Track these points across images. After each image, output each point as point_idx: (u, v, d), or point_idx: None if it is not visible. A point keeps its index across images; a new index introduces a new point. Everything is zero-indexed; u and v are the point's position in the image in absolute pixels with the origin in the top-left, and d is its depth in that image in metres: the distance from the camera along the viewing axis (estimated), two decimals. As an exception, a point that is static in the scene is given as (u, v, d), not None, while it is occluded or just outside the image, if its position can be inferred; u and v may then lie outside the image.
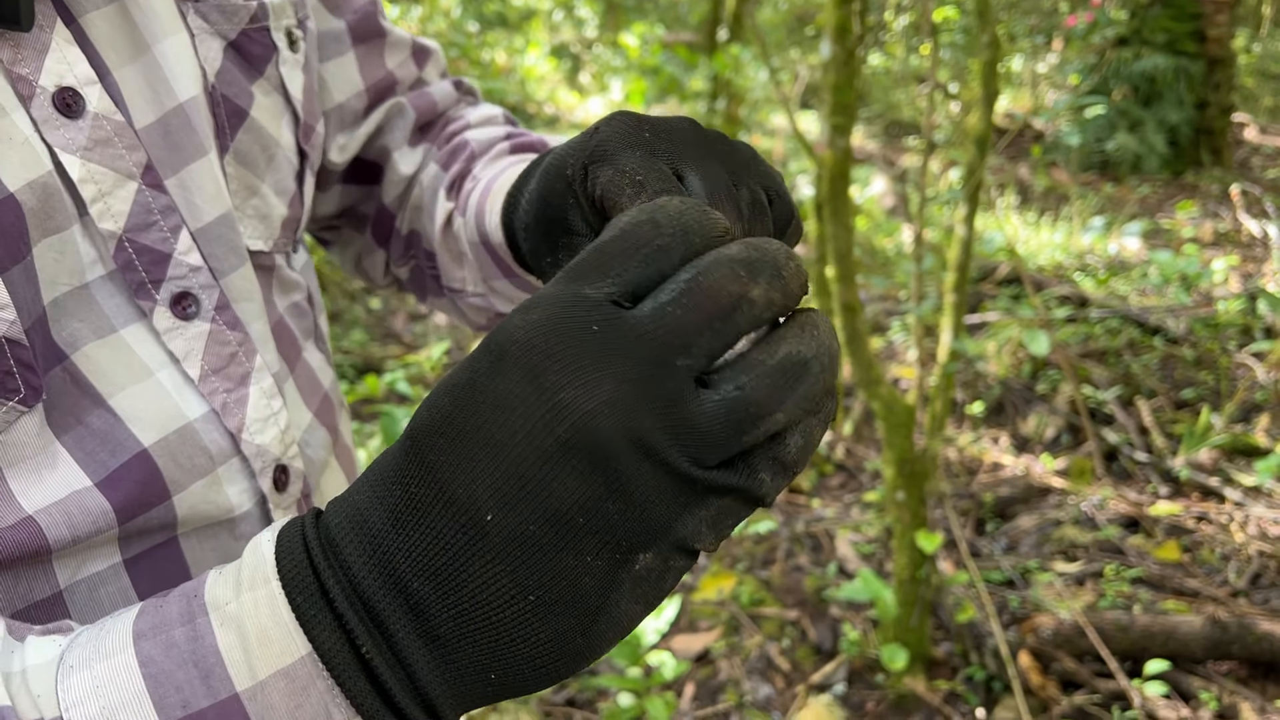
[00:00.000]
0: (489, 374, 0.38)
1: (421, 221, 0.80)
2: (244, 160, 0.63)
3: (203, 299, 0.57)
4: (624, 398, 0.37)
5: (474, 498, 0.37)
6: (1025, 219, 6.58)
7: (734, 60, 6.18)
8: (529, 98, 9.92)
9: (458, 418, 0.38)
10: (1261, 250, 5.70)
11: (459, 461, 0.38)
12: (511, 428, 0.37)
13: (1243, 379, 4.16)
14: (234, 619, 0.39)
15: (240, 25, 0.62)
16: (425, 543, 0.38)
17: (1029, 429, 4.03)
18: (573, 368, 0.37)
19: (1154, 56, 7.79)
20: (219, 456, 0.58)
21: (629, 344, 0.37)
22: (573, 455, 0.37)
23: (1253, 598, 2.99)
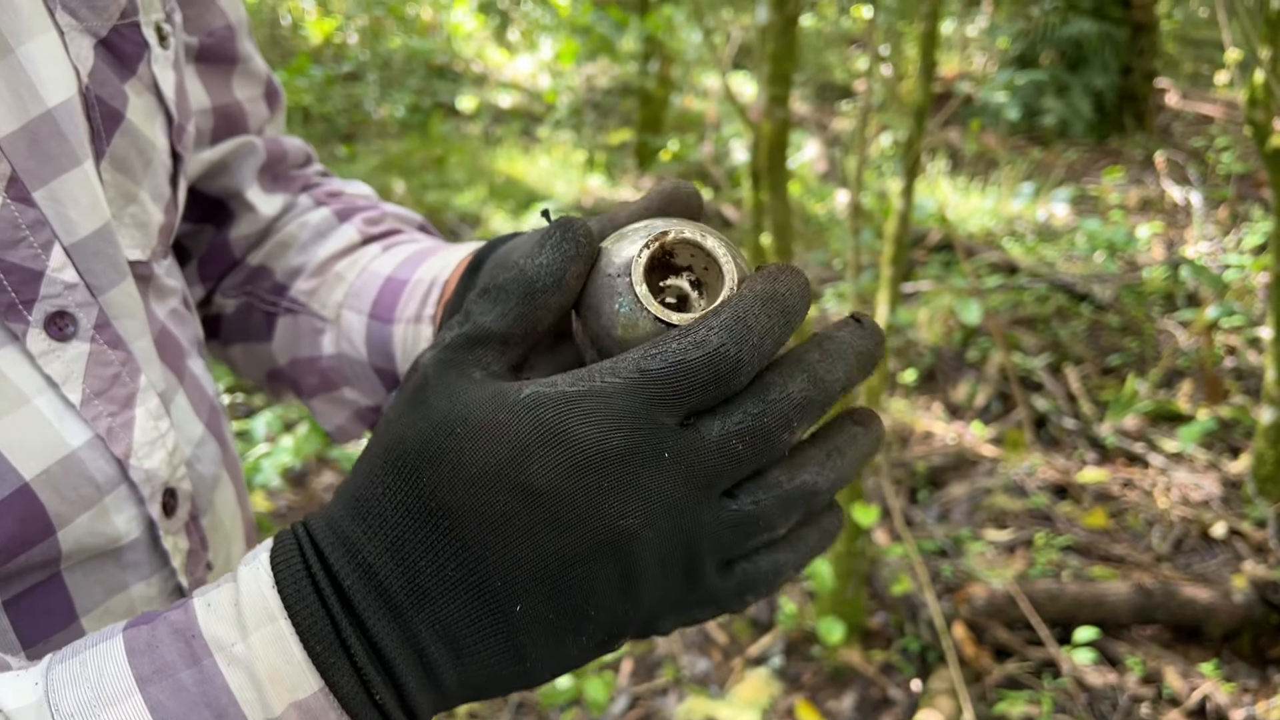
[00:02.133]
0: (559, 482, 0.40)
1: (284, 257, 0.77)
2: (121, 166, 0.58)
3: (80, 318, 0.53)
4: (670, 522, 0.41)
5: (511, 589, 0.40)
6: (955, 184, 6.63)
7: (666, 21, 6.10)
8: (456, 55, 9.71)
9: (516, 517, 0.40)
10: (1184, 217, 5.82)
11: (508, 559, 0.40)
12: (567, 538, 0.40)
13: (1166, 346, 4.25)
14: (242, 660, 0.40)
15: (111, 21, 0.57)
16: (450, 617, 0.41)
17: (960, 396, 4.08)
18: (636, 494, 0.40)
19: (1081, 21, 7.87)
20: (106, 485, 0.54)
21: (691, 473, 0.41)
22: (608, 565, 0.41)
23: (1175, 562, 3.07)
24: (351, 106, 8.08)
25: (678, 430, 0.41)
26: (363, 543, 0.41)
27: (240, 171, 0.77)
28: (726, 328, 0.41)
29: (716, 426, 0.41)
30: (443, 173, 6.80)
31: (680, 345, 0.41)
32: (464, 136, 7.96)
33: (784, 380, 0.42)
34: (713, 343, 0.41)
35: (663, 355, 0.41)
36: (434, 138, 7.55)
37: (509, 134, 7.98)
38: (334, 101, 7.98)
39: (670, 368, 0.40)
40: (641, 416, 0.40)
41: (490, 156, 7.39)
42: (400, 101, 8.09)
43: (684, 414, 0.41)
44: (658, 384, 0.40)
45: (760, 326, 0.42)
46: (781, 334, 0.43)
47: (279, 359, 0.77)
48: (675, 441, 0.40)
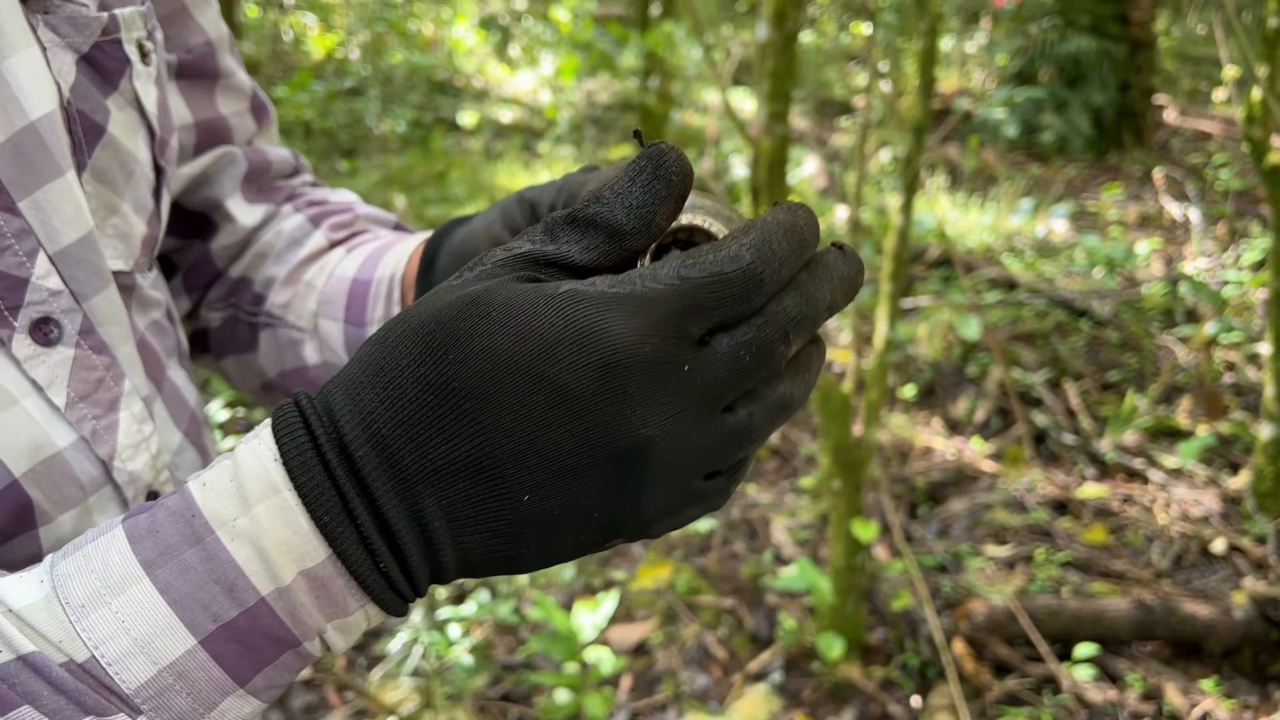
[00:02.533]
0: (587, 382, 0.41)
1: (262, 267, 0.79)
2: (103, 178, 0.60)
3: (65, 324, 0.55)
4: (682, 434, 0.42)
5: (522, 481, 0.41)
6: (955, 200, 6.64)
7: (667, 37, 6.13)
8: (457, 71, 9.74)
9: (538, 411, 0.41)
10: (1183, 233, 5.83)
11: (526, 451, 0.41)
12: (586, 438, 0.41)
13: (1166, 362, 4.26)
14: (246, 533, 0.41)
15: (93, 38, 0.59)
16: (458, 499, 0.42)
17: (959, 412, 4.08)
18: (656, 404, 0.41)
19: (1079, 38, 7.90)
20: (90, 486, 0.56)
21: (706, 384, 0.42)
22: (621, 470, 0.42)
23: (1175, 579, 3.06)
24: (353, 121, 8.11)
25: (697, 344, 0.42)
26: (378, 413, 0.42)
27: (221, 182, 0.78)
28: (754, 247, 0.43)
29: (726, 340, 0.43)
30: (444, 187, 6.82)
31: (716, 258, 0.42)
32: (465, 151, 7.98)
33: (786, 301, 0.44)
34: (745, 258, 0.43)
35: (701, 265, 0.42)
36: (435, 153, 7.57)
37: (510, 149, 8.00)
38: (335, 116, 8.00)
39: (709, 278, 0.42)
40: (675, 325, 0.41)
41: (491, 171, 7.41)
42: (401, 117, 8.11)
43: (711, 326, 0.43)
44: (696, 293, 0.42)
45: (781, 251, 0.44)
46: (797, 261, 0.45)
47: (268, 371, 0.79)
48: (695, 355, 0.42)
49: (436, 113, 8.68)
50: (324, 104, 7.92)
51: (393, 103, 8.42)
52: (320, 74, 8.70)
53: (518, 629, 2.88)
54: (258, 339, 0.78)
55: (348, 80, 8.64)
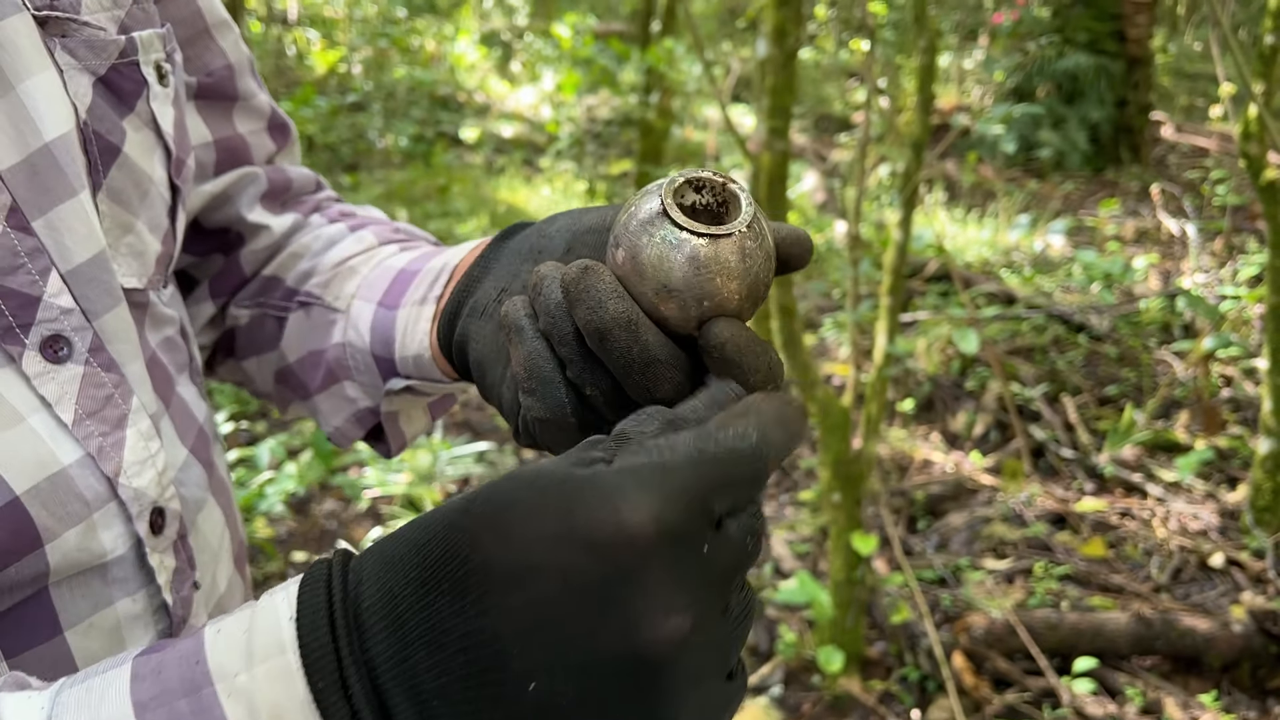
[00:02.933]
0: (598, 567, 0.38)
1: (296, 266, 0.78)
2: (117, 197, 0.61)
3: (75, 341, 0.56)
4: (705, 624, 0.39)
5: (527, 672, 0.38)
6: (953, 215, 6.67)
7: (667, 54, 6.16)
8: (459, 86, 9.79)
9: (543, 588, 0.38)
10: (1180, 248, 5.86)
11: (533, 640, 0.38)
12: (600, 627, 0.37)
13: (1164, 376, 4.28)
14: (244, 692, 0.38)
15: (109, 60, 0.60)
16: (460, 685, 0.38)
17: (958, 425, 4.09)
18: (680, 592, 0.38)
19: (1076, 55, 7.95)
20: (95, 502, 0.56)
21: (718, 572, 0.40)
22: (643, 671, 0.38)
23: (1174, 593, 3.07)
24: (355, 136, 8.15)
25: (714, 530, 0.40)
26: (396, 568, 0.40)
27: (240, 199, 0.79)
28: (759, 429, 0.43)
29: (734, 525, 0.41)
30: (445, 202, 6.85)
31: (728, 435, 0.42)
32: (466, 166, 8.02)
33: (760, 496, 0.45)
34: (753, 438, 0.42)
35: (717, 441, 0.41)
36: (437, 167, 7.60)
37: (511, 164, 8.04)
38: (338, 131, 8.04)
39: (727, 454, 0.41)
40: (697, 497, 0.39)
41: (492, 186, 7.45)
42: (404, 131, 8.15)
43: (728, 508, 0.41)
44: (715, 466, 0.40)
45: (776, 439, 0.43)
46: (787, 452, 0.45)
47: (289, 356, 0.77)
48: (714, 538, 0.40)
49: (438, 128, 8.73)
50: (327, 119, 7.96)
51: (395, 118, 8.47)
52: (323, 89, 8.74)
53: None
54: (284, 329, 0.77)
55: (350, 95, 8.69)
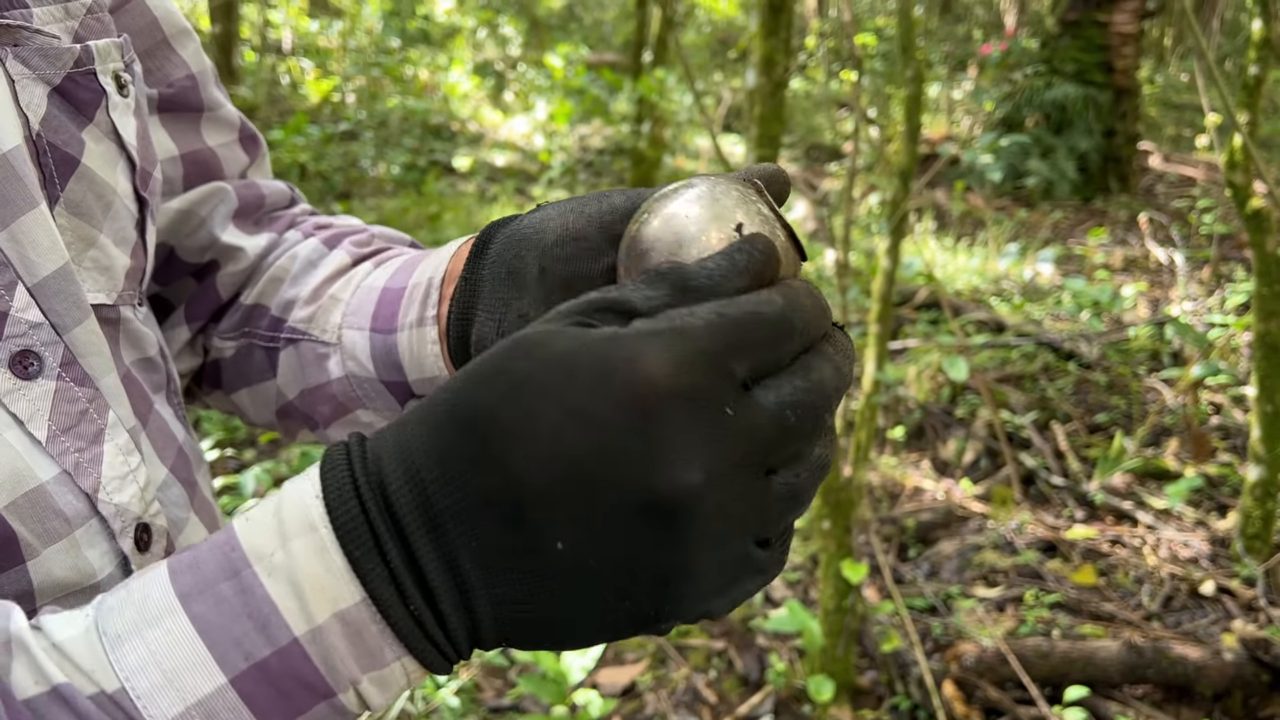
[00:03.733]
0: (617, 415, 0.39)
1: (278, 291, 0.76)
2: (77, 210, 0.60)
3: (46, 356, 0.54)
4: (727, 483, 0.40)
5: (553, 526, 0.39)
6: (942, 243, 6.71)
7: (659, 83, 6.21)
8: (452, 115, 9.84)
9: (566, 444, 0.39)
10: (1168, 277, 5.89)
11: (554, 490, 0.39)
12: (619, 478, 0.38)
13: (1153, 404, 4.29)
14: (282, 568, 0.40)
15: (64, 70, 0.59)
16: (490, 543, 0.40)
17: (949, 453, 4.09)
18: (695, 445, 0.39)
19: (1064, 85, 8.03)
20: (75, 519, 0.54)
21: (750, 434, 0.40)
22: (658, 522, 0.39)
23: (1165, 620, 3.06)
24: (348, 164, 8.17)
25: (740, 389, 0.40)
26: (417, 449, 0.41)
27: (212, 220, 0.77)
28: (784, 295, 0.43)
29: (771, 395, 0.41)
30: (437, 229, 6.86)
31: (750, 299, 0.42)
32: (459, 194, 8.05)
33: (820, 364, 0.44)
34: (778, 303, 0.42)
35: (738, 305, 0.42)
36: (429, 195, 7.62)
37: (504, 192, 8.07)
38: (331, 160, 8.07)
39: (747, 315, 0.41)
40: (716, 358, 0.40)
41: (485, 214, 7.47)
42: (396, 160, 8.18)
43: (749, 369, 0.41)
44: (734, 329, 0.41)
45: (807, 307, 0.44)
46: (821, 323, 0.45)
47: (287, 393, 0.76)
48: (737, 400, 0.40)
49: (431, 156, 8.76)
50: (319, 147, 7.99)
51: (387, 146, 8.50)
52: (316, 118, 8.78)
53: (506, 671, 2.86)
54: (276, 363, 0.76)
55: (343, 124, 8.72)
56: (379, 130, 8.70)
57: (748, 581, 0.43)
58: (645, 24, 7.58)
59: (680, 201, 0.48)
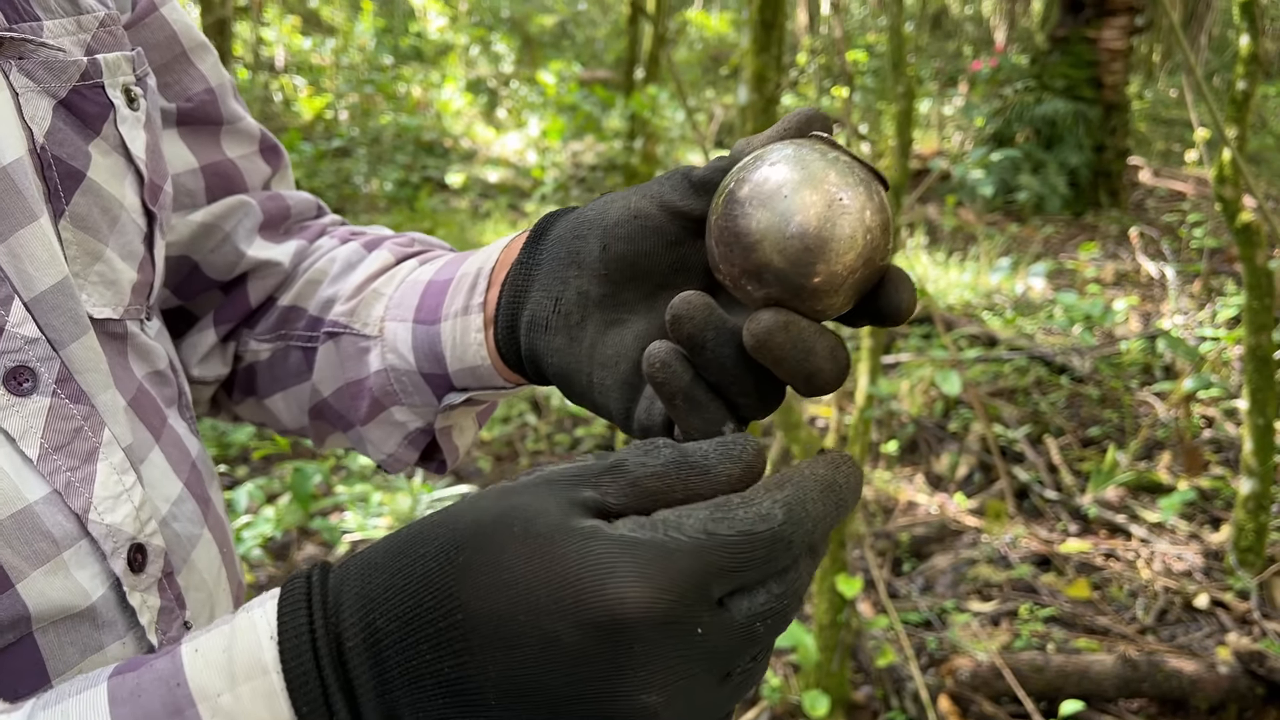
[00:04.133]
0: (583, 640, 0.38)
1: (315, 292, 0.75)
2: (83, 224, 0.59)
3: (41, 372, 0.53)
4: (684, 697, 0.39)
5: (503, 711, 0.38)
6: (934, 258, 6.73)
7: (651, 100, 6.23)
8: (445, 132, 9.86)
9: (522, 646, 0.38)
10: (1159, 290, 5.91)
11: (505, 690, 0.38)
12: (573, 693, 0.38)
13: (1145, 417, 4.30)
14: (227, 712, 0.38)
15: (70, 83, 0.58)
16: (434, 709, 0.39)
17: (942, 467, 4.09)
18: (660, 670, 0.38)
19: (1054, 101, 8.08)
20: (64, 540, 0.52)
21: (717, 652, 0.39)
22: None
23: (1160, 634, 3.06)
24: (341, 181, 8.18)
25: (717, 610, 0.39)
26: (379, 603, 0.40)
27: (236, 234, 0.76)
28: (788, 506, 0.41)
29: (745, 606, 0.40)
30: (430, 246, 6.87)
31: (747, 514, 0.40)
32: (452, 211, 8.06)
33: (808, 566, 0.42)
34: (778, 518, 0.40)
35: (730, 522, 0.39)
36: (422, 211, 7.63)
37: (497, 208, 8.08)
38: (323, 176, 8.07)
39: (738, 537, 0.39)
40: (696, 584, 0.38)
41: (479, 230, 7.48)
42: (389, 177, 8.20)
43: (732, 589, 0.40)
44: (722, 552, 0.39)
45: (815, 513, 0.42)
46: (830, 524, 0.43)
47: (323, 390, 0.75)
48: (711, 619, 0.39)
49: (424, 173, 8.78)
50: (312, 164, 8.00)
51: (380, 163, 8.51)
52: (309, 135, 8.79)
53: None
54: (313, 362, 0.75)
55: (336, 141, 8.73)
56: (372, 147, 8.71)
57: None
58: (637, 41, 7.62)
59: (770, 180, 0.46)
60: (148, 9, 0.71)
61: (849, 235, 0.45)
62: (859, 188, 0.46)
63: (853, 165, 0.47)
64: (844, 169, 0.46)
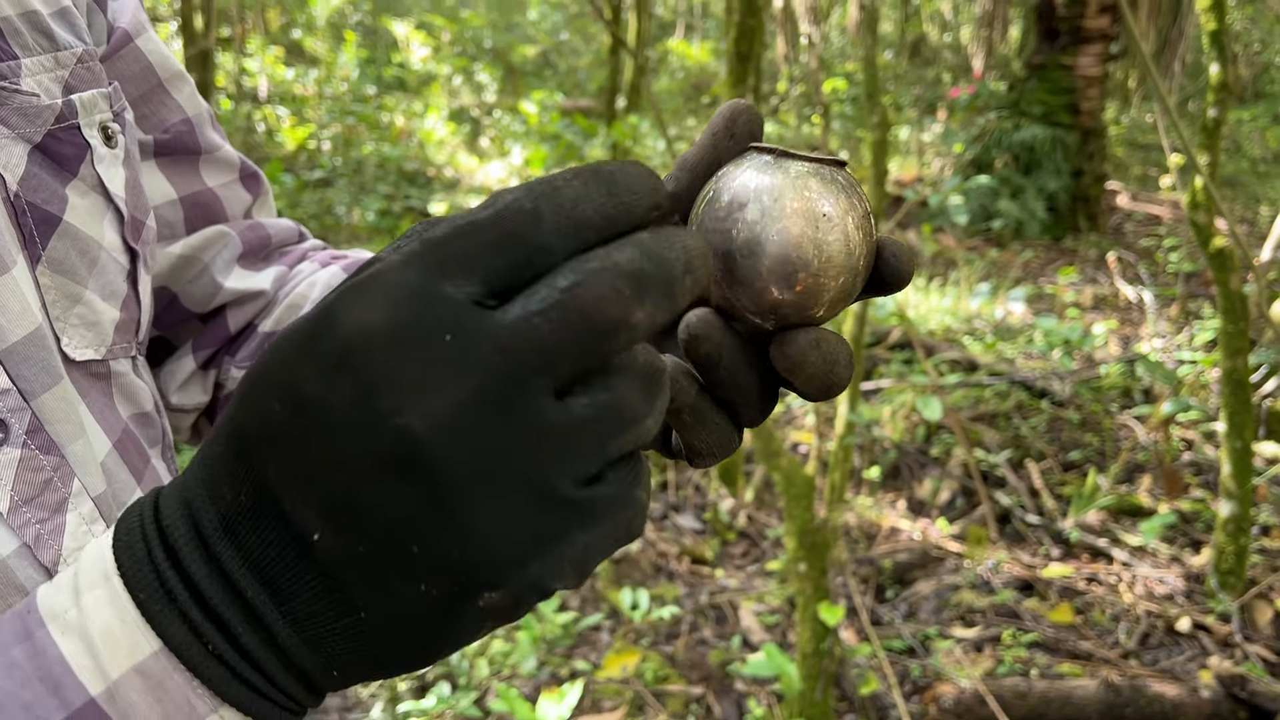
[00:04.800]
0: (321, 381, 0.34)
1: (296, 316, 0.75)
2: (60, 268, 0.58)
3: (12, 424, 0.52)
4: (468, 418, 0.33)
5: (303, 515, 0.35)
6: (915, 284, 6.76)
7: (633, 129, 6.27)
8: (428, 161, 9.88)
9: (287, 428, 0.35)
10: (1138, 314, 5.96)
11: (288, 477, 0.35)
12: (340, 448, 0.34)
13: (1125, 441, 4.32)
14: (75, 626, 0.37)
15: (45, 126, 0.58)
16: (257, 552, 0.36)
17: (924, 493, 4.10)
18: (412, 387, 0.33)
19: (1032, 127, 8.16)
20: None
21: (482, 358, 0.33)
22: (402, 480, 0.34)
23: (1143, 658, 3.06)
24: (323, 211, 8.18)
25: (469, 308, 0.34)
26: (191, 478, 0.39)
27: (214, 266, 0.76)
28: (526, 187, 0.35)
29: (516, 307, 0.34)
30: (412, 275, 6.86)
31: (471, 211, 0.35)
32: (434, 240, 8.06)
33: (606, 251, 0.35)
34: (504, 199, 0.35)
35: (449, 220, 0.35)
36: (404, 241, 7.63)
37: (478, 237, 8.08)
38: (305, 207, 8.07)
39: (453, 229, 0.35)
40: (415, 288, 0.34)
41: (459, 259, 7.48)
42: (371, 206, 8.20)
43: (479, 288, 0.34)
44: (437, 248, 0.35)
45: (571, 192, 0.35)
46: (601, 205, 0.36)
47: None
48: (463, 320, 0.34)
49: (406, 202, 8.79)
50: (294, 194, 8.00)
51: (363, 193, 8.52)
52: (292, 165, 8.80)
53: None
54: None
55: (318, 171, 8.74)
56: (354, 177, 8.72)
57: (574, 530, 0.35)
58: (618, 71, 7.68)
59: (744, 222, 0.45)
60: (123, 40, 0.71)
61: (843, 247, 0.45)
62: (830, 195, 0.45)
63: (808, 171, 0.46)
64: (805, 180, 0.45)
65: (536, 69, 13.51)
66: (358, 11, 13.28)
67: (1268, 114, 11.94)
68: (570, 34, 14.72)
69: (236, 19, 11.33)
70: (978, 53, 13.40)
